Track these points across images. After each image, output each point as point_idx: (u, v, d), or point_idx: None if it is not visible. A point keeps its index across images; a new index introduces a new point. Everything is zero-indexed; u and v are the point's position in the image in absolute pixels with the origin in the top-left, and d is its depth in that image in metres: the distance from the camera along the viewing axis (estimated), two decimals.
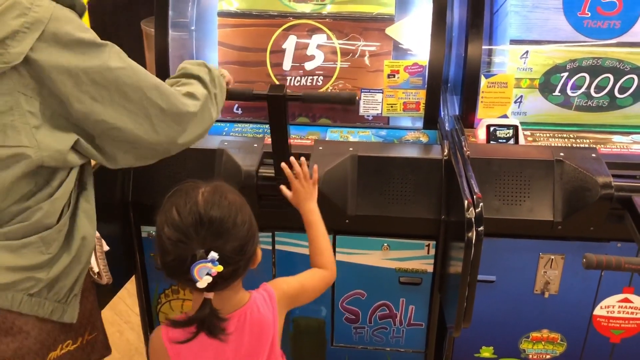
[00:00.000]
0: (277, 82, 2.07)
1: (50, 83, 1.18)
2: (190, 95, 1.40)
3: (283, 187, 1.63)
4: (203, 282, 1.17)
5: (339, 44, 2.05)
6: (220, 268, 1.18)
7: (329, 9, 2.06)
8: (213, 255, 1.17)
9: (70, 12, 1.23)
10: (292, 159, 1.61)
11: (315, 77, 2.06)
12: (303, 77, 2.06)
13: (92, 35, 1.23)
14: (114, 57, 1.25)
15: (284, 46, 2.06)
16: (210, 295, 1.25)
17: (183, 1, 2.15)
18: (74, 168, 1.30)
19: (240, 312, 1.33)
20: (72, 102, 1.21)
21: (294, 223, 1.78)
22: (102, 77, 1.22)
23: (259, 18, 2.08)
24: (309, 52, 2.06)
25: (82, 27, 1.23)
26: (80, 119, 1.24)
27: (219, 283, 1.21)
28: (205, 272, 1.17)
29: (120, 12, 3.42)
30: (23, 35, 1.14)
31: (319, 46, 2.06)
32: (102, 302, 1.83)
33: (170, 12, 2.03)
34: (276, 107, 1.62)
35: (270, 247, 1.87)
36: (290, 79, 2.07)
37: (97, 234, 1.49)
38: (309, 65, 2.06)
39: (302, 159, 1.62)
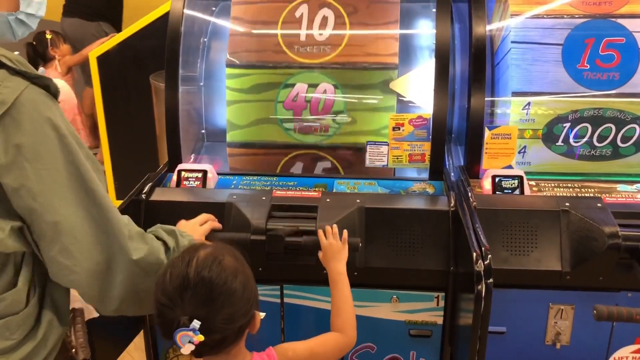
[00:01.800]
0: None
1: None
2: (142, 237, 1.30)
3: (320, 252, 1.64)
4: (186, 349, 1.16)
5: (343, 168, 2.13)
6: (201, 337, 1.15)
7: (332, 139, 2.12)
8: (194, 324, 1.15)
9: (41, 94, 1.17)
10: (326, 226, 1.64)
11: None
12: None
13: (56, 127, 1.16)
14: (70, 159, 1.18)
15: (291, 170, 2.14)
16: None
17: (192, 56, 2.22)
18: (26, 253, 1.23)
19: None
20: (12, 196, 1.15)
21: (302, 276, 1.79)
22: (49, 174, 1.16)
23: (265, 148, 2.15)
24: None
25: (49, 114, 1.16)
26: (21, 214, 1.17)
27: (205, 350, 1.20)
28: (187, 339, 1.15)
29: (128, 66, 3.51)
30: None
31: (324, 169, 2.14)
32: (111, 356, 1.82)
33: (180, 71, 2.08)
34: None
35: (278, 300, 1.87)
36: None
37: (82, 304, 1.45)
38: None
39: (334, 225, 1.65)
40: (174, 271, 1.19)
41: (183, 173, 1.98)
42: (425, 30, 2.19)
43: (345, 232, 1.64)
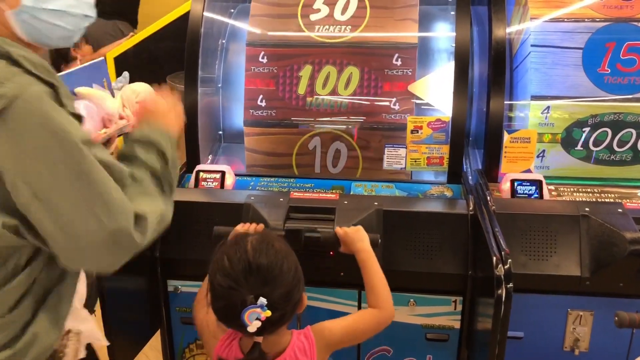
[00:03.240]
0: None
1: None
2: (140, 220, 1.20)
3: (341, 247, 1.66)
4: (253, 326, 1.25)
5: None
6: (268, 313, 1.25)
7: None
8: (262, 300, 1.24)
9: (45, 91, 1.13)
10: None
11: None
12: None
13: (58, 124, 1.12)
14: (74, 156, 1.13)
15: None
16: (260, 339, 1.31)
17: (211, 57, 2.23)
18: (36, 257, 1.19)
19: (281, 358, 1.38)
20: (13, 192, 1.12)
21: (319, 277, 1.78)
22: (49, 171, 1.11)
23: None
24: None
25: (53, 111, 1.12)
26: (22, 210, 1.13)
27: (267, 327, 1.28)
28: (255, 317, 1.24)
29: (144, 67, 3.51)
30: None
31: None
32: (128, 355, 1.83)
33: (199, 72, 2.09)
34: None
35: None
36: None
37: (88, 328, 1.40)
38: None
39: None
40: (233, 257, 1.29)
41: (201, 174, 1.99)
42: (444, 33, 2.19)
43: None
